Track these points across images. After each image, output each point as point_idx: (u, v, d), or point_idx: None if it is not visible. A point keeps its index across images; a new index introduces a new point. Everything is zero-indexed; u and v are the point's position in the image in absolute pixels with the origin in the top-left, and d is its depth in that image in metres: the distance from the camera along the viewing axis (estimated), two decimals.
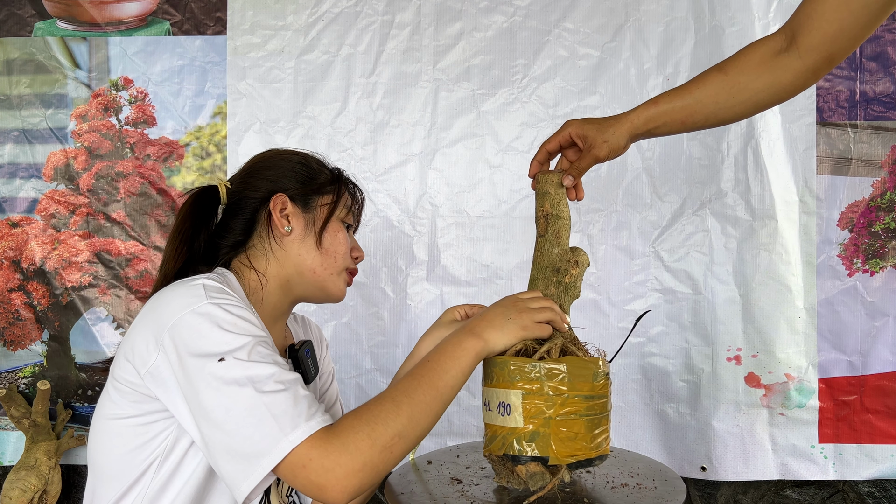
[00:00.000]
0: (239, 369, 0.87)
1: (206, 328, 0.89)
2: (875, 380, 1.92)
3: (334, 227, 1.15)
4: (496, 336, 1.02)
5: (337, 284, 1.16)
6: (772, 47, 1.12)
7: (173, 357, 0.89)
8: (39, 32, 2.03)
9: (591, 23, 1.96)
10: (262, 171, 1.16)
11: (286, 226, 1.11)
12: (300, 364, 1.17)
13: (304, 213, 1.13)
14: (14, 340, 2.04)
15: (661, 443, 1.96)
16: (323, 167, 1.19)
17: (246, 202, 1.13)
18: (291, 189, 1.13)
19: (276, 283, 1.12)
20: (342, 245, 1.15)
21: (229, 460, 0.86)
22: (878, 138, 1.92)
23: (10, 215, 2.04)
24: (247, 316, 0.93)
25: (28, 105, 2.03)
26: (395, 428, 0.89)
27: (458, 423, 1.98)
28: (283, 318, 1.18)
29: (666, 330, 1.95)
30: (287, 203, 1.12)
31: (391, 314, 1.98)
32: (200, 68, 2.01)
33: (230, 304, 0.93)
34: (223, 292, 0.95)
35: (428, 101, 1.99)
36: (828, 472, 1.92)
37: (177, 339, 0.89)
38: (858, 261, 1.92)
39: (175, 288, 0.95)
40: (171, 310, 0.91)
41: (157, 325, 0.92)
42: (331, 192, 1.16)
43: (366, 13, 1.99)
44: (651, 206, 1.95)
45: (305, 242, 1.12)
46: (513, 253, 1.97)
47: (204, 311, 0.90)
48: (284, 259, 1.12)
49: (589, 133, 1.15)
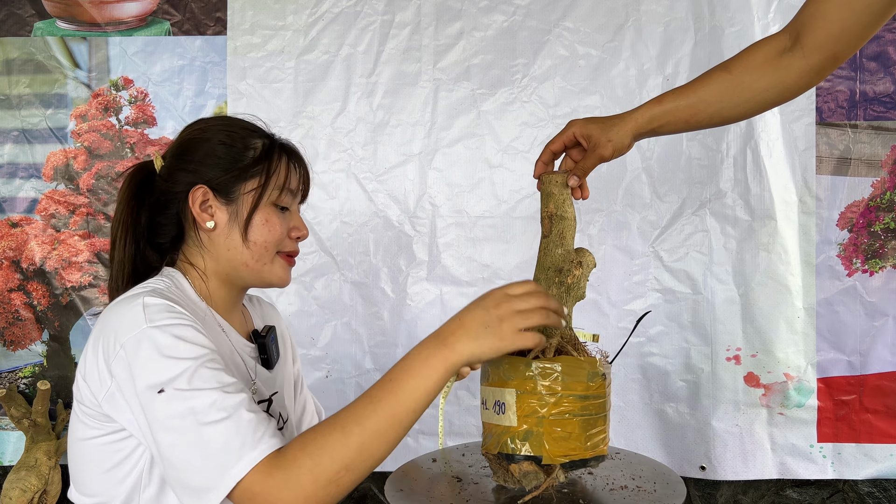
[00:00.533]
0: (179, 401, 0.85)
1: (146, 356, 0.87)
2: (874, 379, 1.92)
3: (263, 215, 1.05)
4: (470, 347, 0.88)
5: (274, 273, 1.09)
6: (776, 47, 1.12)
7: (123, 385, 0.89)
8: (39, 32, 2.03)
9: (591, 22, 1.96)
10: (184, 157, 1.07)
11: (208, 221, 1.04)
12: (265, 349, 1.14)
13: (228, 206, 1.05)
14: (14, 340, 2.04)
15: (661, 442, 1.96)
16: (250, 142, 1.07)
17: (169, 198, 1.06)
18: (212, 179, 1.04)
19: (216, 279, 1.07)
20: (273, 234, 1.06)
21: (183, 493, 0.86)
22: (878, 138, 1.92)
23: (10, 215, 2.04)
24: (187, 335, 0.89)
25: (28, 105, 2.03)
26: (342, 461, 0.84)
27: (458, 423, 1.98)
28: (237, 307, 1.14)
29: (665, 330, 1.95)
30: (208, 195, 1.04)
31: (391, 314, 1.98)
32: (200, 68, 2.01)
33: (170, 323, 0.90)
34: (163, 309, 0.91)
35: (428, 100, 1.99)
36: (826, 472, 1.93)
37: (122, 369, 0.88)
38: (858, 261, 1.92)
39: (119, 309, 0.93)
40: (115, 336, 0.90)
41: (105, 350, 0.91)
42: (258, 175, 1.06)
43: (366, 13, 1.99)
44: (651, 206, 1.95)
45: (231, 237, 1.05)
46: (513, 253, 1.97)
47: (145, 338, 0.88)
48: (216, 254, 1.06)
49: (593, 132, 1.15)
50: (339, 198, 1.99)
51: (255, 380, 1.10)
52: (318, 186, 1.99)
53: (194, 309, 1.02)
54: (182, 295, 1.02)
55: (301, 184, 1.12)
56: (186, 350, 0.88)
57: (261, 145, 1.07)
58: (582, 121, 1.17)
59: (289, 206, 1.09)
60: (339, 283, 1.99)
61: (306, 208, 1.99)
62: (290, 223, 1.09)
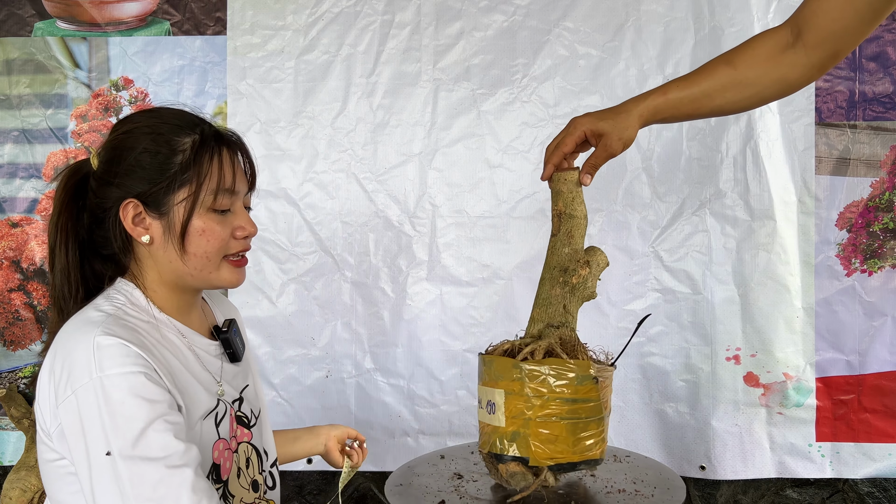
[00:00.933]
0: (123, 469, 0.85)
1: (95, 414, 0.87)
2: (873, 379, 1.92)
3: (199, 225, 0.99)
4: None
5: (222, 279, 1.04)
6: (778, 42, 1.13)
7: (70, 435, 0.89)
8: (39, 32, 2.03)
9: (591, 22, 1.96)
10: (111, 167, 1.00)
11: (143, 235, 0.99)
12: (230, 344, 1.11)
13: (161, 219, 0.99)
14: (14, 340, 2.04)
15: (661, 442, 1.97)
16: (178, 144, 0.99)
17: (102, 214, 1.01)
18: (141, 192, 0.98)
19: (166, 289, 1.04)
20: (213, 242, 1.00)
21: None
22: (877, 138, 1.93)
23: (10, 215, 2.04)
24: (140, 389, 0.88)
25: (28, 105, 2.03)
26: None
27: (458, 423, 1.99)
28: (194, 308, 1.10)
29: (665, 330, 1.96)
30: (139, 208, 0.98)
31: (391, 314, 1.99)
32: (200, 68, 2.01)
33: (122, 371, 0.88)
34: (117, 354, 0.89)
35: (428, 100, 1.99)
36: (825, 471, 1.93)
37: (72, 419, 0.88)
38: (857, 261, 1.92)
39: (73, 338, 0.91)
40: (68, 376, 0.89)
41: (56, 386, 0.90)
42: (188, 183, 0.98)
43: (366, 13, 1.99)
44: (650, 206, 1.96)
45: (169, 250, 1.00)
46: (513, 253, 1.97)
47: (95, 390, 0.87)
48: (160, 266, 1.02)
49: (605, 129, 1.14)
50: (339, 198, 1.99)
51: (221, 381, 1.09)
52: (318, 186, 1.99)
53: (153, 323, 1.00)
54: (136, 311, 1.00)
55: (243, 176, 1.04)
56: (136, 410, 0.87)
57: (189, 145, 0.99)
58: (588, 118, 1.17)
59: (229, 207, 1.02)
60: (339, 283, 1.99)
61: (307, 208, 1.99)
62: (233, 223, 1.03)
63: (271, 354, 2.00)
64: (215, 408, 1.03)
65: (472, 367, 1.97)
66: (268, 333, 2.00)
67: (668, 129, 1.94)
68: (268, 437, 1.18)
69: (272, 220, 1.99)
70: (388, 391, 1.99)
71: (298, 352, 2.00)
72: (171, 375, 0.96)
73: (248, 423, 1.11)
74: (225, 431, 1.04)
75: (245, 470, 1.09)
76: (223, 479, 1.03)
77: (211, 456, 1.01)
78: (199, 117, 1.05)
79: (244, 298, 1.98)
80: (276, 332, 2.00)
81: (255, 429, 1.13)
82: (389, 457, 1.99)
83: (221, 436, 1.03)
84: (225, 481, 1.04)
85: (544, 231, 1.96)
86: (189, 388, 0.99)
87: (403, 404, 1.99)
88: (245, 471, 1.09)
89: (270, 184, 1.99)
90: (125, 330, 0.93)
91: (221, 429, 1.03)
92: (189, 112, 1.05)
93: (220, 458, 1.03)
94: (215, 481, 1.02)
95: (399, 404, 1.99)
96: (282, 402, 1.99)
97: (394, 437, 2.00)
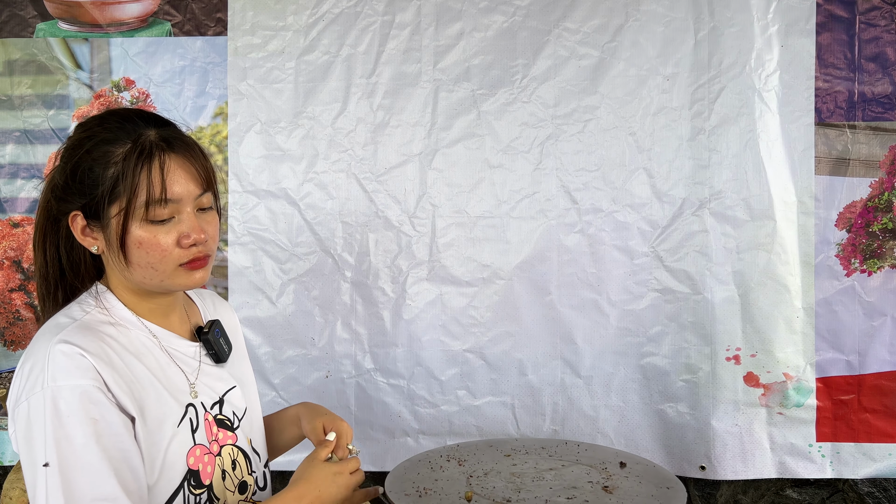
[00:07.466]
0: (56, 483, 0.89)
1: (40, 425, 0.91)
2: (873, 379, 1.93)
3: (135, 238, 0.97)
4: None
5: (177, 283, 1.01)
6: None
7: (21, 440, 0.94)
8: (41, 33, 2.04)
9: (591, 23, 1.97)
10: (61, 180, 1.01)
11: (93, 245, 1.00)
12: (212, 346, 1.11)
13: (103, 231, 0.99)
14: (14, 340, 2.04)
15: (661, 442, 1.97)
16: (112, 155, 0.97)
17: (65, 220, 1.02)
18: (83, 204, 0.98)
19: (133, 293, 1.04)
20: (153, 254, 0.98)
21: None
22: (877, 139, 1.93)
23: (12, 215, 2.04)
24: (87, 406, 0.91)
25: (30, 106, 2.04)
26: None
27: (458, 423, 1.99)
28: (173, 308, 1.09)
29: (665, 330, 1.96)
30: (84, 220, 0.99)
31: (391, 314, 1.99)
32: (201, 69, 2.02)
33: (72, 384, 0.91)
34: (71, 366, 0.92)
35: (428, 101, 1.99)
36: (825, 471, 1.93)
37: (22, 424, 0.93)
38: (856, 261, 1.93)
39: (40, 343, 0.95)
40: (26, 381, 0.93)
41: (18, 389, 0.95)
42: (119, 196, 0.96)
43: (366, 13, 2.00)
44: (651, 206, 1.96)
45: (118, 260, 0.99)
46: (513, 253, 1.98)
47: (44, 400, 0.91)
48: (120, 272, 1.02)
49: None
50: (340, 198, 2.00)
51: (196, 383, 1.07)
52: (319, 186, 1.99)
53: (123, 327, 1.01)
54: (105, 315, 1.01)
55: (191, 181, 0.99)
56: (77, 427, 0.90)
57: (121, 157, 0.96)
58: None
59: (172, 216, 0.98)
60: (339, 284, 2.00)
61: (307, 208, 1.99)
62: (179, 231, 0.99)
63: (271, 354, 2.00)
64: (185, 415, 1.03)
65: (472, 367, 1.97)
66: (268, 333, 2.00)
67: (668, 129, 1.95)
68: (258, 439, 1.17)
69: (272, 220, 2.00)
70: (388, 391, 2.00)
71: (298, 352, 2.00)
72: (132, 384, 0.97)
73: (231, 425, 1.10)
74: (202, 437, 1.04)
75: (231, 472, 1.08)
76: (205, 484, 1.03)
77: (186, 463, 1.01)
78: (143, 122, 1.01)
79: (244, 298, 1.98)
80: (276, 333, 2.00)
81: (239, 431, 1.12)
82: (389, 457, 1.99)
83: (198, 442, 1.03)
84: (208, 486, 1.04)
85: (544, 231, 1.97)
86: (153, 395, 0.99)
87: (403, 404, 1.99)
88: (231, 473, 1.08)
89: (271, 184, 1.99)
90: (87, 338, 0.95)
91: (198, 435, 1.03)
92: (136, 117, 1.01)
93: (198, 463, 1.03)
94: (196, 486, 1.01)
95: (399, 404, 1.99)
96: (282, 402, 1.99)
97: (394, 437, 2.00)
